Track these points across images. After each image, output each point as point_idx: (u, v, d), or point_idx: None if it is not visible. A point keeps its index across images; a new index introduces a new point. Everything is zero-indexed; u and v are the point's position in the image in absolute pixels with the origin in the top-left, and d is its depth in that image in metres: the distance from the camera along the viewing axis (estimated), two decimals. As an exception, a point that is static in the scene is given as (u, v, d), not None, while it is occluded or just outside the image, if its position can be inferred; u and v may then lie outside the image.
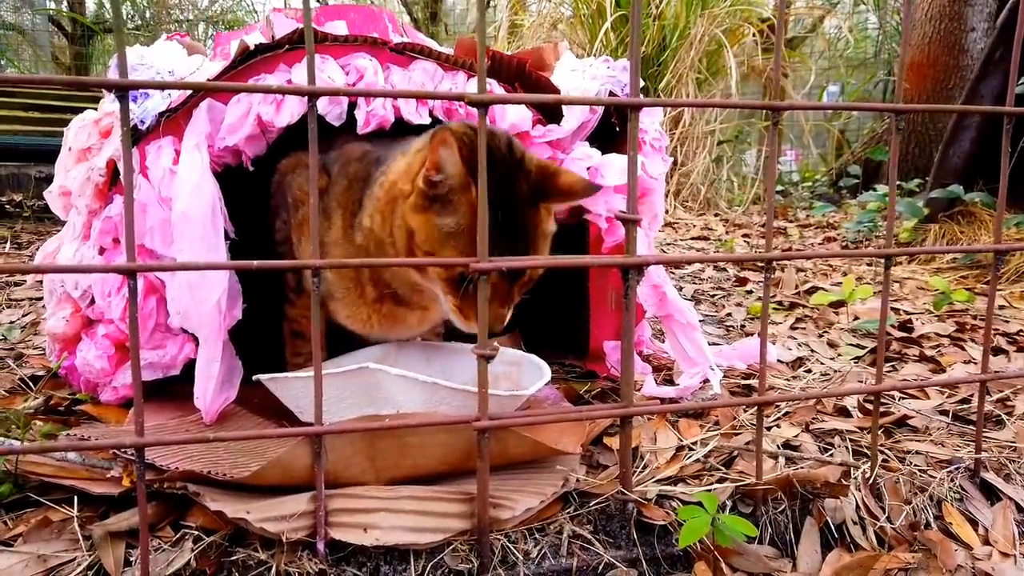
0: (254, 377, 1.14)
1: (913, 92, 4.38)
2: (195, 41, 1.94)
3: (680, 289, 2.28)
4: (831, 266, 2.66)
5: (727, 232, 3.62)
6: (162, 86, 0.90)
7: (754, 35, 4.75)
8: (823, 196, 5.11)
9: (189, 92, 1.16)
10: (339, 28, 1.59)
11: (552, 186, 1.06)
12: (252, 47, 1.17)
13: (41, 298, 1.77)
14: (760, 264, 2.63)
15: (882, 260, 0.99)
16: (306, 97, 0.79)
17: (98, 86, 0.81)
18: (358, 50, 1.22)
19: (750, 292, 2.25)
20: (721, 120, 4.61)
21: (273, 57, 1.19)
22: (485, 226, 0.84)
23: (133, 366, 0.77)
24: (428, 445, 0.92)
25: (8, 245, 2.73)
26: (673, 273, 2.56)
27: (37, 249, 2.62)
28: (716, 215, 4.27)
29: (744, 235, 3.51)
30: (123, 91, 0.75)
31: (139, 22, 10.27)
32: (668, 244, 3.23)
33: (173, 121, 1.15)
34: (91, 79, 1.05)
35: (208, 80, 1.17)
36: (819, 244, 3.30)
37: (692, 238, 3.46)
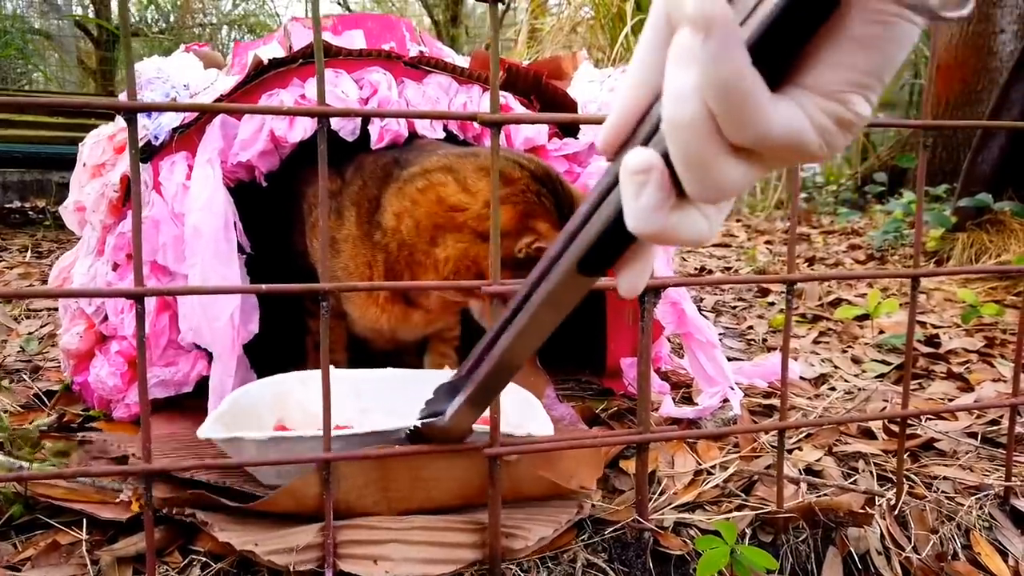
0: (200, 435, 0.89)
1: (940, 95, 4.30)
2: (214, 51, 1.94)
3: (701, 300, 2.25)
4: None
5: (749, 239, 3.57)
6: (170, 108, 0.89)
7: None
8: (847, 201, 5.04)
9: (203, 107, 1.16)
10: (356, 38, 1.57)
11: None
12: (266, 62, 1.17)
13: (59, 308, 1.78)
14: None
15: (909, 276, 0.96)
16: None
17: (106, 108, 0.80)
18: (372, 64, 1.20)
19: (772, 304, 2.21)
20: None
21: (286, 71, 1.18)
22: (498, 249, 0.83)
23: (140, 388, 0.76)
24: (443, 479, 0.90)
25: (29, 254, 2.75)
26: (693, 283, 2.52)
27: (57, 258, 2.65)
28: (738, 220, 4.22)
29: (767, 242, 3.46)
30: (132, 113, 0.74)
31: (163, 25, 10.39)
32: (688, 251, 3.20)
33: (187, 136, 1.15)
34: (99, 101, 1.05)
35: (222, 95, 1.16)
36: (843, 252, 3.24)
37: (713, 245, 3.42)
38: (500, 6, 0.79)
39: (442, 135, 1.23)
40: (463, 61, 1.64)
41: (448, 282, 1.00)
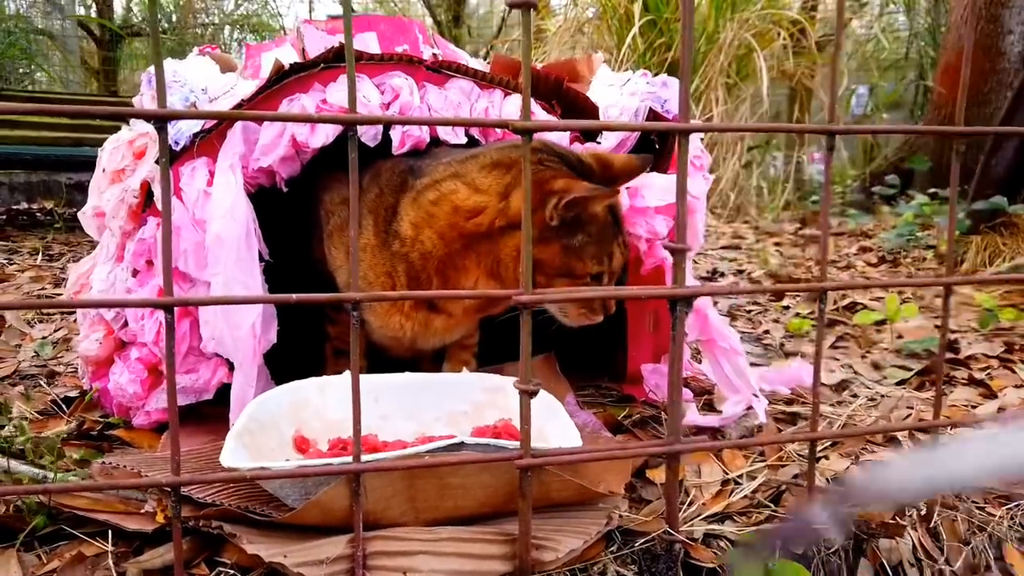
0: (223, 462, 0.87)
1: (948, 96, 4.28)
2: (225, 53, 1.93)
3: (715, 304, 2.23)
4: (868, 277, 2.59)
5: (758, 240, 3.56)
6: (200, 115, 0.88)
7: (784, 38, 4.67)
8: (854, 203, 5.01)
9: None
10: (369, 40, 1.56)
11: (613, 171, 1.14)
12: (287, 66, 1.15)
13: (73, 312, 1.77)
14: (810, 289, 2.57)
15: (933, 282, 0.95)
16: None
17: (136, 116, 0.79)
18: (393, 68, 1.19)
19: (787, 308, 2.20)
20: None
21: (307, 76, 1.17)
22: (529, 256, 0.81)
23: (169, 400, 0.75)
24: (470, 487, 0.89)
25: (40, 257, 2.74)
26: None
27: (68, 262, 2.65)
28: (746, 222, 4.21)
29: (776, 243, 3.44)
30: (162, 121, 0.73)
31: (165, 26, 10.36)
32: (699, 253, 3.18)
33: (208, 142, 1.14)
34: (129, 110, 1.02)
35: (243, 100, 1.15)
36: (854, 254, 3.22)
37: (723, 247, 3.41)
38: (533, 12, 0.78)
39: (464, 140, 1.22)
40: (476, 63, 1.63)
41: (476, 291, 0.99)
